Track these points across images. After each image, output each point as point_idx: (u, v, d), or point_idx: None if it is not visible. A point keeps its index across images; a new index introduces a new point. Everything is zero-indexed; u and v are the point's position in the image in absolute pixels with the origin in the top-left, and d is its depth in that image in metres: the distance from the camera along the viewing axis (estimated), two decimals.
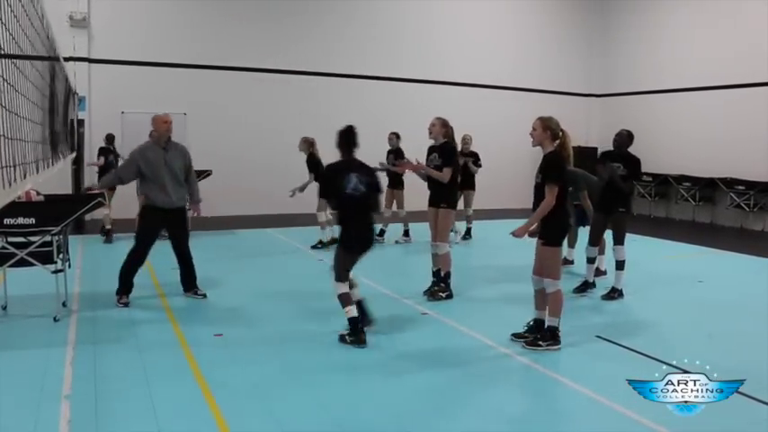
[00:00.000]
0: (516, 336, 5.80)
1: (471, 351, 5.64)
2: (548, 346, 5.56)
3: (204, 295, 7.15)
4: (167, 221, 6.92)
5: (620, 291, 7.37)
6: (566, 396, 4.75)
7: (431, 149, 7.33)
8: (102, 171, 10.61)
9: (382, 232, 10.77)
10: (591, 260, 7.62)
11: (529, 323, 5.85)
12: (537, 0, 17.62)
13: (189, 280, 7.19)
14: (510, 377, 5.17)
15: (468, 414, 4.37)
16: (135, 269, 6.89)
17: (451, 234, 10.38)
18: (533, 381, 5.12)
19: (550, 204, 5.42)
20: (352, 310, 5.64)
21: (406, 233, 11.05)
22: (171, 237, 7.07)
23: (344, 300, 5.65)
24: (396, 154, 10.59)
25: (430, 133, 7.25)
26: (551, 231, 5.52)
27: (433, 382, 4.95)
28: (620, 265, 7.36)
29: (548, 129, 5.55)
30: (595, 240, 7.53)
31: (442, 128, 7.17)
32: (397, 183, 10.71)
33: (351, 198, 5.60)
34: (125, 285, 6.85)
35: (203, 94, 13.56)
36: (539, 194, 5.58)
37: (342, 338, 5.67)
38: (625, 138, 7.40)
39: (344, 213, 5.67)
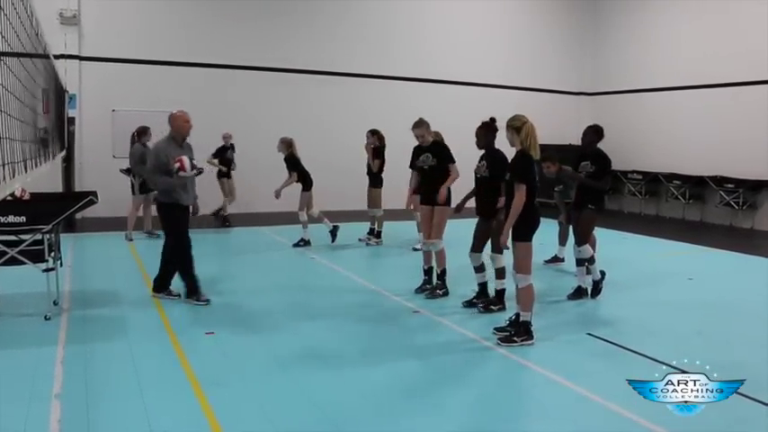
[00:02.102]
0: (498, 329, 5.88)
1: (461, 347, 5.66)
2: (522, 341, 5.61)
3: (179, 295, 6.97)
4: (186, 217, 6.85)
5: (586, 290, 7.33)
6: (558, 393, 4.76)
7: (420, 149, 7.41)
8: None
9: (378, 234, 10.73)
10: (580, 262, 7.42)
11: (511, 317, 5.94)
12: None
13: (168, 279, 7.01)
14: (499, 373, 5.19)
15: (459, 411, 4.39)
16: (192, 265, 6.81)
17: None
18: (523, 376, 5.14)
19: (520, 203, 5.48)
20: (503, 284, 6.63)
21: (374, 233, 10.76)
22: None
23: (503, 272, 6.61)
24: (375, 151, 10.46)
25: (419, 141, 7.40)
26: (520, 227, 5.55)
27: (422, 375, 4.99)
28: (580, 263, 7.32)
29: (509, 128, 5.64)
30: (581, 239, 7.46)
31: (428, 129, 7.33)
32: (377, 181, 10.56)
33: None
34: (195, 282, 6.81)
35: (194, 92, 13.49)
36: (509, 192, 5.67)
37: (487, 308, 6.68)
38: (590, 135, 7.32)
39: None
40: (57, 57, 10.78)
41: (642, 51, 16.61)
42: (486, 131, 6.69)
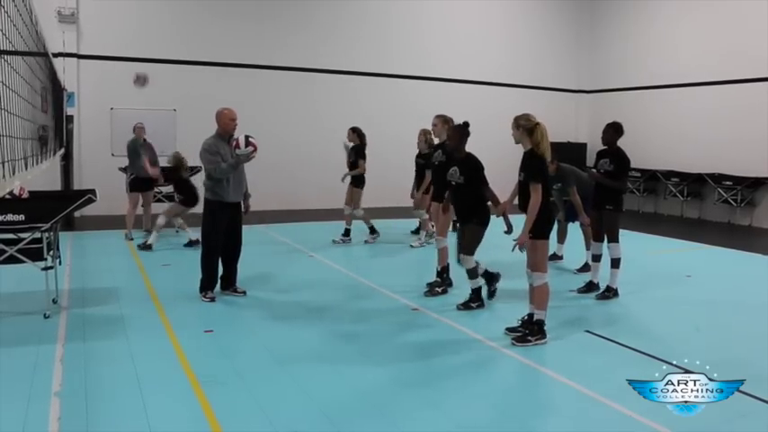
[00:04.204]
0: (510, 330, 5.85)
1: (460, 345, 5.67)
2: (536, 340, 5.60)
3: (244, 293, 7.08)
4: (229, 216, 6.85)
5: (615, 290, 7.26)
6: (554, 389, 4.79)
7: (435, 147, 7.57)
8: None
9: (372, 229, 10.68)
10: (596, 258, 7.47)
11: (523, 317, 5.89)
12: None
13: (232, 278, 7.10)
14: (498, 370, 5.19)
15: (454, 405, 4.40)
16: (215, 263, 6.87)
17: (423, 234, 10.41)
18: (521, 374, 5.15)
19: (538, 203, 5.46)
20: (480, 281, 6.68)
21: (372, 230, 10.61)
22: (228, 232, 6.90)
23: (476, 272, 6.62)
24: (357, 150, 10.23)
25: (432, 133, 7.47)
26: (538, 225, 5.52)
27: (420, 373, 4.99)
28: (614, 264, 7.23)
29: (519, 126, 5.61)
30: (595, 236, 7.44)
31: (444, 125, 7.36)
32: (358, 181, 10.30)
33: None
34: (210, 280, 6.87)
35: (193, 90, 13.50)
36: (523, 191, 5.65)
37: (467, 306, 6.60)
38: (611, 132, 7.20)
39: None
40: (55, 55, 10.77)
41: (640, 49, 16.61)
42: (461, 135, 6.64)
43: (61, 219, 6.35)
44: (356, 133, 10.29)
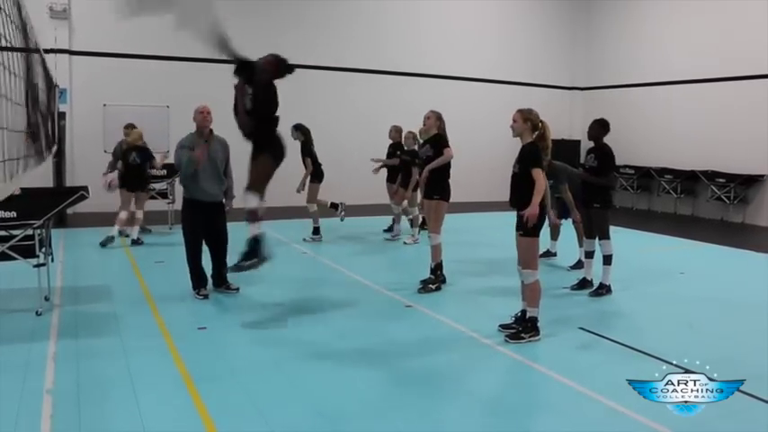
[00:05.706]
0: (504, 326, 5.86)
1: (454, 342, 5.68)
2: (530, 337, 5.61)
3: (237, 289, 7.09)
4: (205, 215, 6.86)
5: (608, 287, 7.28)
6: (547, 386, 4.79)
7: (423, 142, 7.62)
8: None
9: (316, 230, 10.39)
10: (588, 254, 7.49)
11: (516, 314, 5.92)
12: None
13: (220, 275, 7.09)
14: (492, 368, 5.19)
15: (449, 403, 4.41)
16: (195, 262, 6.89)
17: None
18: (515, 371, 5.15)
19: (543, 186, 5.43)
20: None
21: (316, 231, 10.37)
22: (207, 231, 6.94)
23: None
24: (302, 148, 10.06)
25: (423, 125, 7.50)
26: (529, 222, 5.51)
27: (415, 371, 4.98)
28: (605, 260, 7.24)
29: (528, 120, 5.59)
30: (587, 233, 7.46)
31: (437, 121, 7.38)
32: (315, 176, 10.12)
33: None
34: (196, 279, 6.90)
35: (187, 86, 13.38)
36: (515, 185, 5.62)
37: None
38: (597, 129, 7.21)
39: None
40: (47, 51, 10.70)
41: (634, 46, 16.64)
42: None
43: (53, 216, 6.33)
44: (300, 131, 10.15)
